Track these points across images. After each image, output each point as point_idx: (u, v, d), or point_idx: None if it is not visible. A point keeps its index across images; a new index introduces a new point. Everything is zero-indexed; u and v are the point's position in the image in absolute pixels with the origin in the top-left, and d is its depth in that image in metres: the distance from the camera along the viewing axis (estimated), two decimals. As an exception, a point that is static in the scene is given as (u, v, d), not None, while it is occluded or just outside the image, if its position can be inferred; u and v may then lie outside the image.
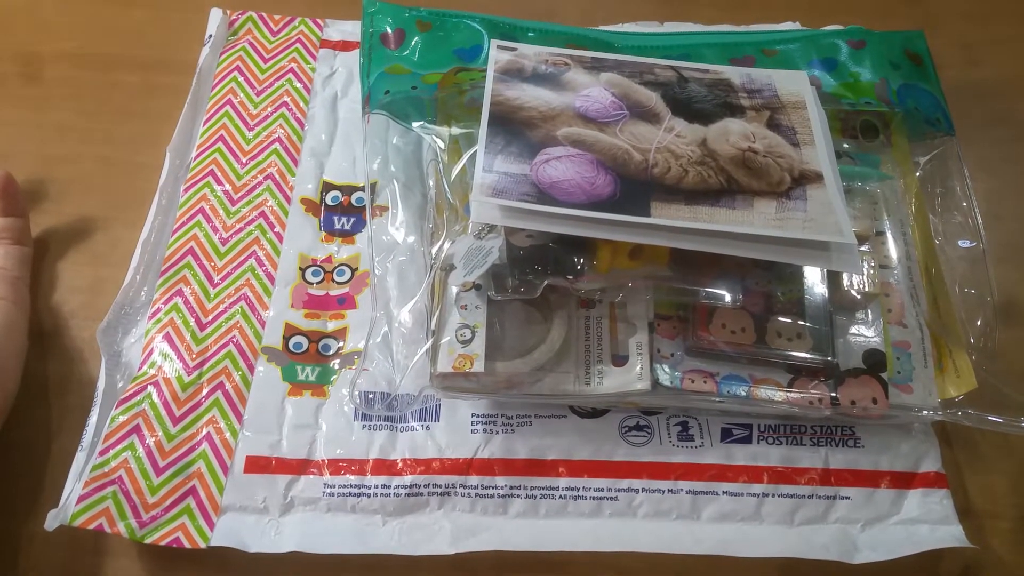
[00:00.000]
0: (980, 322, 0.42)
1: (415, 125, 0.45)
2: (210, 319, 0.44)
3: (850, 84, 0.46)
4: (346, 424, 0.42)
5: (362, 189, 0.48)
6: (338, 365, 0.43)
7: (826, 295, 0.41)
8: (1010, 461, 0.43)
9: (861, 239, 0.42)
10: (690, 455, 0.41)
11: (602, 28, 0.52)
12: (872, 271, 0.42)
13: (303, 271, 0.46)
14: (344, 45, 0.54)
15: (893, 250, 0.43)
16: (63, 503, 0.38)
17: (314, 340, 0.44)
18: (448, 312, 0.40)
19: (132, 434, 0.40)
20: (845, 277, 0.41)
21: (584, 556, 0.39)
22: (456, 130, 0.44)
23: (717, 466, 0.41)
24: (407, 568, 0.39)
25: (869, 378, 0.40)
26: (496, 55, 0.44)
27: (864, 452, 0.42)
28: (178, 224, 0.47)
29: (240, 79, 0.52)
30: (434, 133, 0.45)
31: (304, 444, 0.41)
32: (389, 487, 0.40)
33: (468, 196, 0.39)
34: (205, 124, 0.50)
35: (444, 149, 0.44)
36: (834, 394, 0.39)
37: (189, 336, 0.43)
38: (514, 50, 0.44)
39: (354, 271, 0.46)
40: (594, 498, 0.40)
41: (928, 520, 0.40)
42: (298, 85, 0.52)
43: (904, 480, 0.41)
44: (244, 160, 0.49)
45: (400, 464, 0.41)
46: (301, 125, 0.51)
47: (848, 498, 0.41)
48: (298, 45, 0.54)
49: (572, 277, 0.39)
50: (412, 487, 0.40)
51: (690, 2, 0.57)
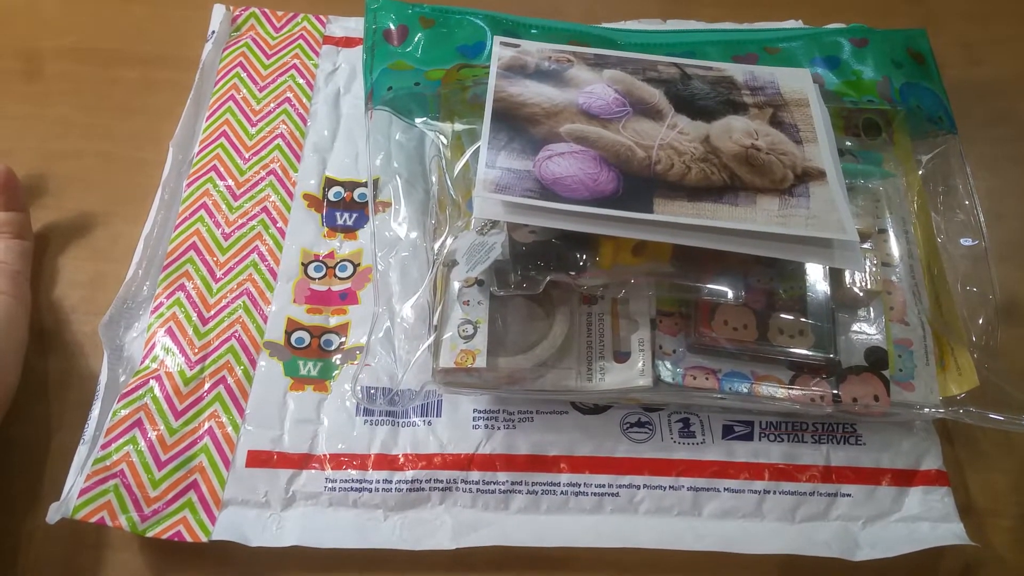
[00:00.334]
0: (982, 320, 0.42)
1: (418, 121, 0.45)
2: (212, 314, 0.44)
3: (853, 82, 0.46)
4: (348, 419, 0.42)
5: (364, 185, 0.48)
6: (340, 360, 0.43)
7: (828, 292, 0.41)
8: (1011, 459, 0.43)
9: (863, 237, 0.42)
10: (691, 452, 0.41)
11: (605, 25, 0.52)
12: (874, 269, 0.42)
13: (305, 266, 0.46)
14: (347, 41, 0.54)
15: (895, 248, 0.43)
16: (65, 496, 0.38)
17: (316, 335, 0.44)
18: (450, 308, 0.40)
19: (134, 428, 0.40)
20: (847, 274, 0.41)
21: (585, 552, 0.39)
22: (459, 126, 0.44)
23: (718, 463, 0.41)
24: (408, 563, 0.39)
25: (871, 375, 0.40)
26: (499, 51, 0.44)
27: (865, 449, 0.42)
28: (181, 219, 0.47)
29: (243, 75, 0.52)
30: (437, 129, 0.45)
31: (306, 439, 0.41)
32: (390, 482, 0.40)
33: (471, 192, 0.39)
34: (208, 120, 0.50)
35: (447, 145, 0.44)
36: (836, 391, 0.39)
37: (191, 331, 0.43)
38: (517, 47, 0.44)
39: (356, 267, 0.46)
40: (595, 494, 0.40)
41: (929, 518, 0.40)
42: (301, 81, 0.52)
43: (905, 478, 0.41)
44: (247, 156, 0.49)
45: (402, 459, 0.41)
46: (304, 121, 0.51)
47: (849, 495, 0.41)
48: (301, 41, 0.54)
49: (574, 273, 0.39)
50: (413, 482, 0.40)
51: (693, 0, 0.57)
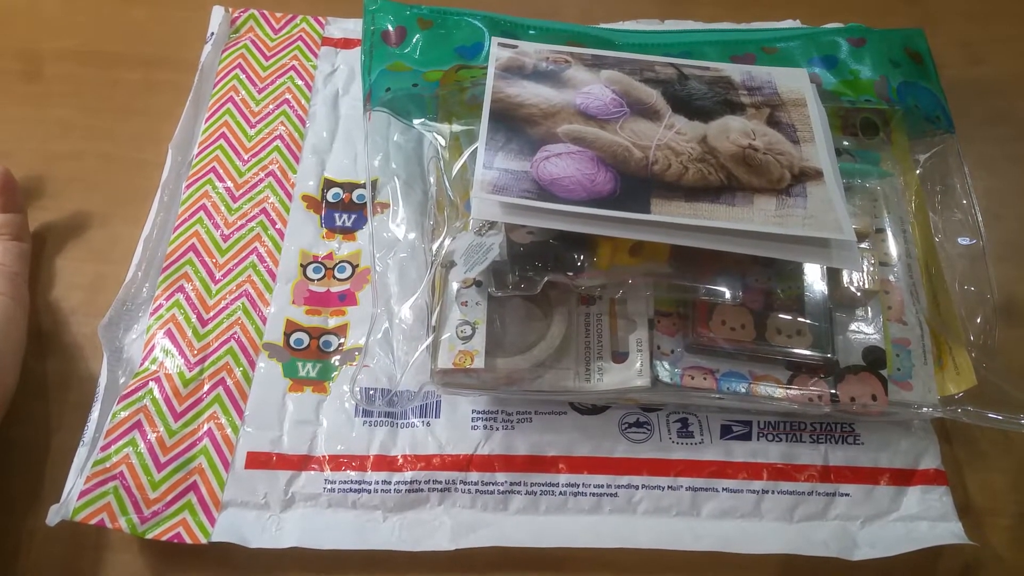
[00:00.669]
0: (980, 319, 0.42)
1: (416, 122, 0.45)
2: (211, 315, 0.44)
3: (850, 82, 0.46)
4: (347, 420, 0.42)
5: (363, 186, 0.49)
6: (339, 361, 0.43)
7: (826, 292, 0.41)
8: (1009, 458, 0.43)
9: (861, 236, 0.42)
10: (690, 452, 0.41)
11: (603, 26, 0.52)
12: (872, 268, 0.42)
13: (304, 268, 0.46)
14: (345, 43, 0.54)
15: (893, 247, 0.43)
16: (65, 498, 0.38)
17: (315, 336, 0.44)
18: (449, 308, 0.40)
19: (134, 430, 0.40)
20: (845, 274, 0.41)
21: (584, 552, 0.39)
22: (457, 127, 0.44)
23: (717, 463, 0.41)
24: (407, 564, 0.39)
25: (869, 375, 0.40)
26: (497, 52, 0.44)
27: (864, 449, 0.42)
28: (180, 221, 0.47)
29: (242, 76, 0.52)
30: (435, 130, 0.45)
31: (305, 440, 0.41)
32: (389, 483, 0.40)
33: (469, 193, 0.39)
34: (207, 121, 0.50)
35: (445, 146, 0.44)
36: (834, 391, 0.39)
37: (191, 332, 0.43)
38: (515, 47, 0.45)
39: (355, 268, 0.46)
40: (594, 495, 0.40)
41: (927, 517, 0.40)
42: (300, 82, 0.52)
43: (904, 477, 0.41)
44: (246, 157, 0.49)
45: (400, 460, 0.41)
46: (302, 122, 0.51)
47: (848, 495, 0.41)
48: (300, 43, 0.54)
49: (572, 274, 0.39)
50: (412, 483, 0.40)
51: (690, 0, 0.57)
